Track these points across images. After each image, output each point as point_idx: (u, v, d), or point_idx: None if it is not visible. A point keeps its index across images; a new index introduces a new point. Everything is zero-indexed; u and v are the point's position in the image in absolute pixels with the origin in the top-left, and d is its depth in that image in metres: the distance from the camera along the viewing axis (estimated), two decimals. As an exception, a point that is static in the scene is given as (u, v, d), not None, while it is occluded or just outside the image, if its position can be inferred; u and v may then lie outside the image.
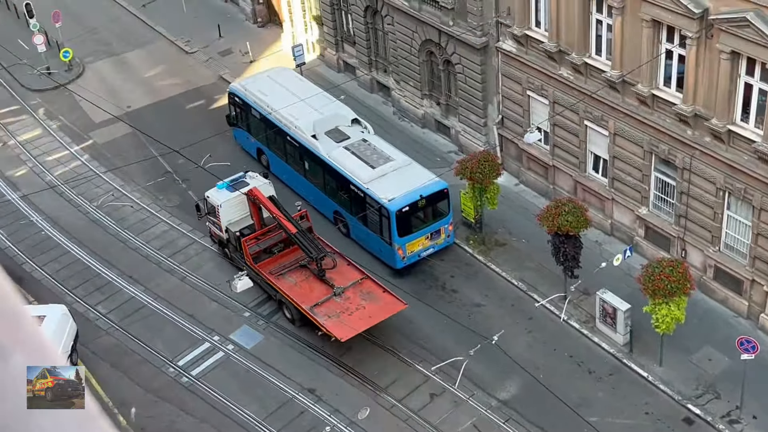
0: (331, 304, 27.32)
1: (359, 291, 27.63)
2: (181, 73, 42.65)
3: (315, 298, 27.55)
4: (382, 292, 27.50)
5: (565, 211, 26.10)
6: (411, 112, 37.18)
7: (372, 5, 36.75)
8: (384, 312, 26.94)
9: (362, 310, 27.00)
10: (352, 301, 27.33)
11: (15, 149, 38.63)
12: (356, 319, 26.70)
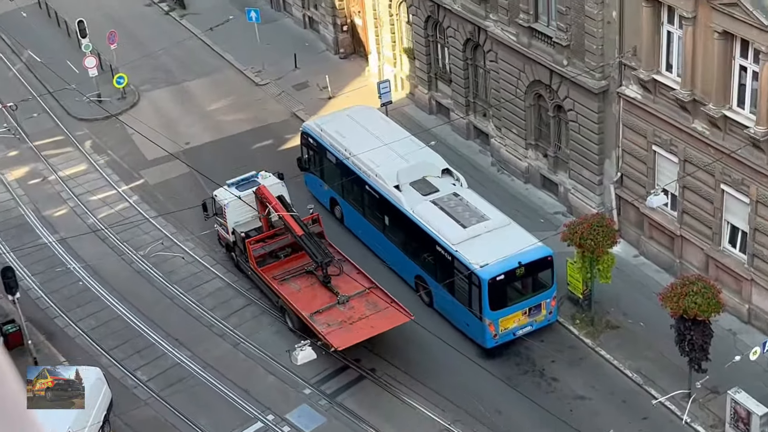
0: (333, 313, 29.53)
1: (365, 301, 29.66)
2: (248, 107, 43.43)
3: (317, 306, 29.76)
4: (389, 303, 29.45)
5: (693, 291, 25.57)
6: (512, 163, 37.09)
7: (473, 38, 37.00)
8: (387, 323, 28.90)
9: (365, 319, 29.01)
10: (356, 311, 29.41)
11: (56, 186, 39.70)
12: (357, 328, 28.80)
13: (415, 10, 39.76)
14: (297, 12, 49.18)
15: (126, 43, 47.17)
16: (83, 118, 43.84)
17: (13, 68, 48.11)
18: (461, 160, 37.70)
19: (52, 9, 52.01)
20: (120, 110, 43.90)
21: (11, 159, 41.65)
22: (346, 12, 45.55)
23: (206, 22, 49.41)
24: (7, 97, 44.81)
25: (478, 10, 36.08)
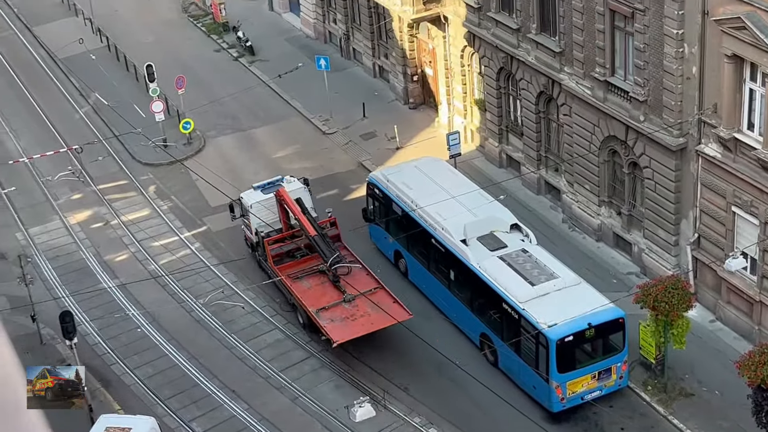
0: (338, 310, 32.08)
1: (370, 300, 31.81)
2: (315, 156, 43.67)
3: (323, 302, 32.33)
4: (392, 303, 31.76)
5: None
6: (585, 220, 36.75)
7: (546, 91, 36.90)
8: (386, 320, 31.03)
9: (367, 317, 31.52)
10: (360, 309, 31.94)
11: (118, 230, 40.16)
12: (358, 324, 31.35)
13: (488, 61, 39.80)
14: (367, 61, 49.53)
15: (194, 88, 47.83)
16: (148, 163, 44.41)
17: (80, 111, 49.01)
18: (531, 215, 37.46)
19: (121, 53, 52.99)
20: (185, 156, 44.41)
21: (75, 202, 42.27)
22: (416, 62, 45.75)
23: (275, 69, 49.95)
24: (72, 140, 45.63)
25: (553, 62, 36.00)
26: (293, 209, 33.81)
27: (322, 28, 53.00)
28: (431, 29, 43.55)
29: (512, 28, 37.60)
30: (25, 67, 53.67)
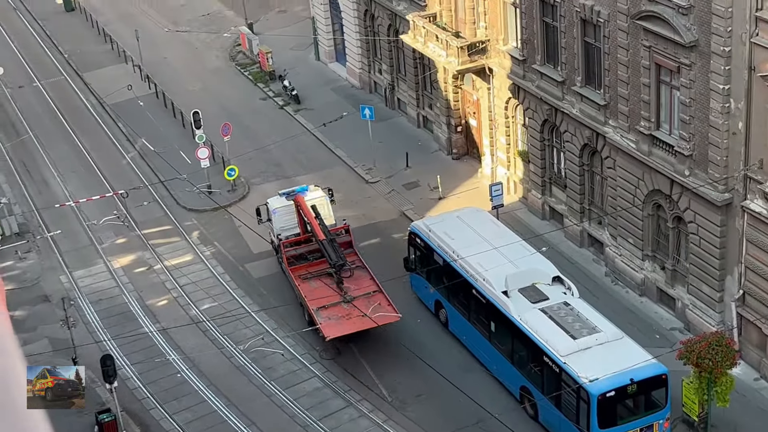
0: (337, 309, 34.40)
1: (367, 301, 34.32)
2: (357, 204, 43.73)
3: (324, 302, 34.56)
4: (386, 305, 34.07)
5: (818, 420, 24.47)
6: (628, 274, 36.42)
7: (591, 144, 36.78)
8: (377, 321, 33.40)
9: (360, 317, 33.69)
10: (357, 310, 34.10)
11: (161, 275, 40.36)
12: (350, 323, 33.69)
13: (532, 113, 39.79)
14: (411, 111, 49.70)
15: (239, 135, 48.20)
16: (192, 209, 44.69)
17: (126, 156, 49.52)
18: (573, 268, 37.20)
19: (169, 99, 53.57)
20: (229, 202, 44.65)
21: (119, 246, 42.57)
22: (461, 112, 45.84)
23: (320, 118, 50.23)
24: (119, 184, 46.07)
25: (597, 115, 35.92)
26: (307, 214, 36.63)
27: (368, 78, 53.31)
28: (476, 80, 43.65)
29: (557, 81, 37.61)
30: (75, 113, 54.40)
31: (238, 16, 63.31)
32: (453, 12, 43.54)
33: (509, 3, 39.59)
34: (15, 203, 46.13)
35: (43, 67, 60.15)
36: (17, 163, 49.74)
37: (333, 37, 56.29)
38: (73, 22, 66.37)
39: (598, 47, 35.26)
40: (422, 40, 44.02)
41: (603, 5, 34.07)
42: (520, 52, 39.42)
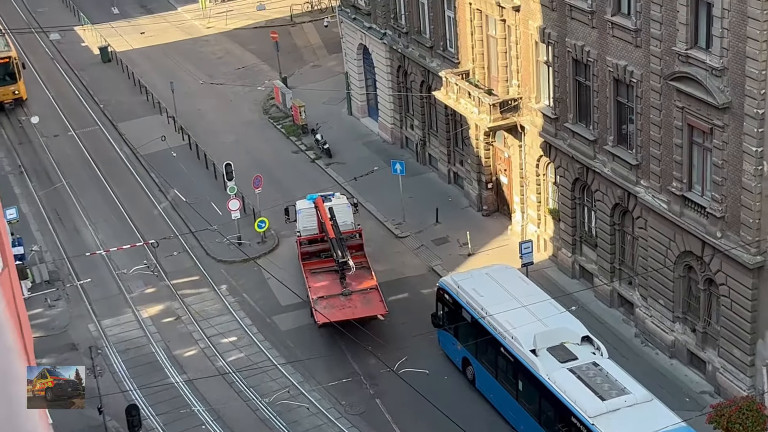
0: (334, 300, 38.12)
1: (363, 296, 38.34)
2: (386, 259, 43.68)
3: (324, 293, 38.48)
4: (378, 301, 37.78)
5: None
6: (658, 336, 36.07)
7: (622, 203, 36.64)
8: (363, 312, 37.32)
9: (352, 308, 37.58)
10: (352, 302, 37.93)
11: (189, 326, 40.36)
12: (341, 313, 37.22)
13: (563, 171, 39.73)
14: (442, 167, 49.76)
15: (270, 187, 48.38)
16: (222, 260, 44.78)
17: (158, 206, 49.78)
18: (603, 328, 36.90)
19: (201, 151, 53.94)
20: (258, 254, 44.71)
21: (148, 296, 42.66)
22: (491, 169, 45.83)
23: (351, 172, 50.40)
24: (149, 234, 46.28)
25: (629, 175, 35.81)
26: (322, 214, 40.29)
27: (399, 134, 53.51)
28: (507, 138, 43.70)
29: (589, 140, 37.59)
30: (108, 162, 54.84)
31: (273, 69, 63.89)
32: (486, 69, 43.72)
33: (542, 61, 39.72)
34: (46, 251, 46.40)
35: (78, 116, 60.79)
36: (50, 211, 50.11)
37: (366, 92, 56.64)
38: (109, 73, 67.14)
39: (630, 107, 35.26)
40: (454, 96, 44.19)
41: (636, 65, 34.11)
42: (553, 110, 39.47)
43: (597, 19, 35.61)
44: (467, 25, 43.87)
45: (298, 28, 71.17)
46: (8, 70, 60.88)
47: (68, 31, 72.01)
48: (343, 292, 38.47)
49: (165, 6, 79.44)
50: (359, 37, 55.00)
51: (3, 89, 61.05)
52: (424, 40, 48.55)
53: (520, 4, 39.85)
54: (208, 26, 74.07)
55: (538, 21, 38.97)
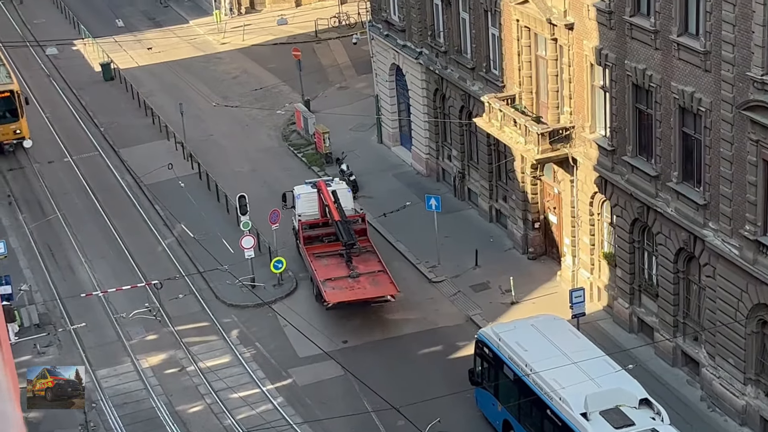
0: (342, 282, 42.20)
1: (371, 278, 42.40)
2: (418, 306, 43.60)
3: (332, 275, 42.49)
4: (388, 283, 41.96)
5: None
6: (727, 400, 35.72)
7: (687, 248, 36.42)
8: (375, 292, 41.69)
9: (362, 290, 41.79)
10: (360, 284, 42.07)
11: (194, 378, 40.37)
12: (351, 293, 41.56)
13: (621, 210, 39.57)
14: (483, 203, 49.70)
15: (288, 223, 48.42)
16: (233, 304, 44.83)
17: (163, 242, 49.98)
18: (664, 390, 36.63)
19: (212, 181, 54.16)
20: (274, 298, 44.72)
21: (149, 343, 42.72)
22: (539, 207, 45.73)
23: (380, 207, 50.42)
24: (152, 274, 46.42)
25: (696, 216, 35.61)
26: (326, 197, 44.34)
27: (435, 165, 53.54)
28: (557, 171, 43.61)
29: (650, 176, 37.43)
30: (108, 192, 55.18)
31: (294, 91, 64.24)
32: (534, 94, 43.73)
33: (598, 87, 39.69)
34: (36, 291, 46.62)
35: (76, 141, 61.31)
36: (41, 246, 50.41)
37: (398, 118, 56.79)
38: (111, 92, 67.78)
39: (698, 139, 35.11)
40: (498, 124, 44.19)
41: (705, 92, 33.99)
42: (609, 142, 39.36)
43: (661, 40, 35.55)
44: (514, 44, 43.94)
45: (324, 46, 71.64)
46: (10, 105, 58.45)
47: (67, 45, 72.75)
48: (350, 275, 42.47)
49: (175, 19, 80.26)
50: (392, 56, 55.21)
51: (3, 128, 58.63)
52: (465, 61, 48.66)
53: (573, 22, 39.90)
54: (222, 42, 74.68)
55: (594, 41, 38.96)
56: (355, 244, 43.40)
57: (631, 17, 36.70)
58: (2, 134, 58.52)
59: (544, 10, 41.00)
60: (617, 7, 37.29)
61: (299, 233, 45.51)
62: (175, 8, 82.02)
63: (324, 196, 44.64)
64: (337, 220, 43.50)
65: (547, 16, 40.79)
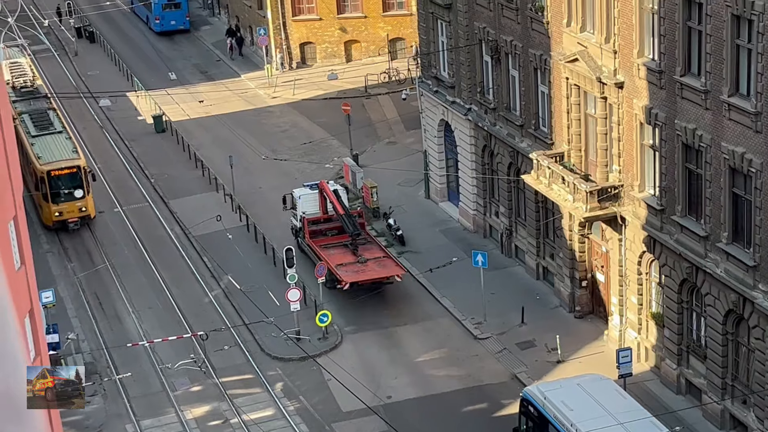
0: (353, 267, 47.84)
1: (378, 263, 48.25)
2: (463, 363, 43.29)
3: (342, 261, 48.07)
4: (394, 265, 48.13)
5: None
6: (776, 465, 35.04)
7: (737, 310, 35.95)
8: (384, 273, 47.69)
9: (372, 271, 47.68)
10: (369, 267, 47.91)
11: (237, 430, 40.27)
12: (364, 275, 47.36)
13: (669, 270, 39.18)
14: (530, 260, 49.41)
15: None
16: (277, 357, 44.71)
17: (209, 293, 50.03)
18: (712, 453, 36.02)
19: (260, 233, 54.26)
20: (319, 351, 44.55)
21: (193, 395, 42.64)
22: (587, 265, 45.37)
23: (426, 262, 50.25)
24: (198, 325, 46.42)
25: (746, 277, 35.17)
26: (330, 196, 49.86)
27: (482, 221, 53.35)
28: (606, 230, 43.30)
29: (699, 236, 37.07)
30: (157, 242, 55.39)
31: (343, 145, 64.41)
32: (583, 152, 43.55)
33: (647, 145, 39.46)
34: (83, 339, 46.75)
35: (126, 191, 61.67)
36: (89, 295, 50.61)
37: (446, 174, 56.73)
38: (163, 144, 68.27)
39: (748, 200, 34.75)
40: (546, 181, 44.01)
41: (755, 153, 33.68)
42: (658, 201, 39.06)
43: (711, 100, 35.33)
44: (563, 102, 43.86)
45: (373, 101, 71.85)
46: (76, 182, 55.85)
47: (120, 97, 73.43)
48: (358, 260, 48.06)
49: (227, 73, 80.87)
50: (441, 113, 55.28)
51: (68, 205, 55.79)
52: (514, 118, 48.61)
53: (623, 81, 39.77)
54: (273, 96, 75.13)
55: (644, 100, 38.79)
56: (360, 234, 49.03)
57: (681, 77, 36.54)
58: (67, 212, 55.81)
59: (594, 68, 40.92)
60: (668, 67, 37.15)
61: (304, 229, 50.48)
62: (227, 62, 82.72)
63: (327, 194, 50.02)
64: (342, 213, 49.07)
65: (597, 74, 40.70)
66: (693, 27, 35.87)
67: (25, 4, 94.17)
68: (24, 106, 61.47)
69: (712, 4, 34.30)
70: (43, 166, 55.72)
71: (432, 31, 55.12)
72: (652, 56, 38.28)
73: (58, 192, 55.77)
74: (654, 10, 37.58)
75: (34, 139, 57.87)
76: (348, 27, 79.26)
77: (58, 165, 55.95)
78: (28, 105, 61.80)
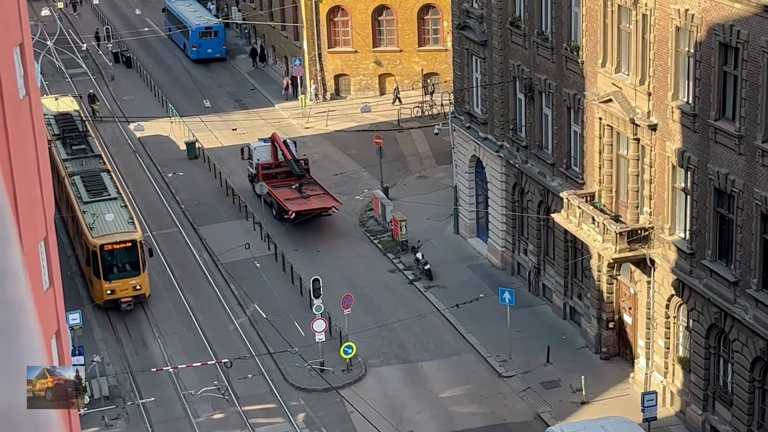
0: (298, 201, 58.07)
1: (318, 197, 58.78)
2: (486, 400, 43.03)
3: (289, 196, 58.42)
4: (332, 201, 58.62)
5: None
6: None
7: (764, 357, 35.57)
8: (322, 204, 58.52)
9: (313, 203, 58.30)
10: (311, 200, 58.40)
11: (258, 459, 39.97)
12: (306, 205, 57.92)
13: (697, 314, 38.85)
14: (557, 299, 49.14)
15: (361, 309, 48.30)
16: (301, 387, 44.56)
17: (235, 321, 49.99)
18: (735, 501, 35.51)
19: (288, 263, 54.25)
20: (342, 383, 44.38)
21: (215, 422, 42.53)
22: (614, 307, 45.08)
23: (453, 298, 50.04)
24: (223, 352, 46.36)
25: (774, 324, 34.79)
26: (280, 144, 60.97)
27: (511, 258, 53.15)
28: (635, 272, 43.02)
29: (729, 281, 36.75)
30: (185, 268, 55.46)
31: (374, 178, 64.41)
32: (613, 193, 43.35)
33: (679, 188, 39.23)
34: (108, 363, 46.77)
35: (157, 216, 61.85)
36: (116, 319, 50.64)
37: (476, 210, 56.60)
38: (194, 170, 68.50)
39: (779, 246, 34.42)
40: (576, 221, 43.81)
41: (788, 199, 33.39)
42: (688, 245, 38.79)
43: (745, 145, 35.11)
44: (595, 142, 43.72)
45: (406, 134, 71.93)
46: (131, 257, 50.87)
47: (154, 123, 73.80)
48: (302, 195, 58.23)
49: (261, 102, 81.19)
50: (472, 148, 55.24)
51: (121, 283, 50.53)
52: (546, 156, 48.50)
53: (657, 123, 39.60)
54: (306, 126, 75.31)
55: (677, 143, 38.61)
56: (305, 175, 59.79)
57: (715, 121, 36.35)
58: (120, 290, 50.47)
59: (628, 110, 40.78)
60: (702, 111, 36.97)
61: (258, 173, 60.51)
62: (261, 91, 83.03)
63: (278, 143, 60.86)
64: (290, 159, 59.69)
65: (631, 116, 40.55)
66: (729, 71, 35.72)
67: (65, 27, 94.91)
68: (75, 166, 57.18)
69: (748, 49, 34.16)
70: (95, 239, 50.37)
71: (466, 67, 55.15)
72: (687, 99, 38.13)
73: (111, 268, 51.05)
74: (690, 54, 37.46)
75: (86, 206, 52.76)
76: (383, 60, 79.46)
77: (112, 239, 50.49)
78: (80, 165, 57.36)
